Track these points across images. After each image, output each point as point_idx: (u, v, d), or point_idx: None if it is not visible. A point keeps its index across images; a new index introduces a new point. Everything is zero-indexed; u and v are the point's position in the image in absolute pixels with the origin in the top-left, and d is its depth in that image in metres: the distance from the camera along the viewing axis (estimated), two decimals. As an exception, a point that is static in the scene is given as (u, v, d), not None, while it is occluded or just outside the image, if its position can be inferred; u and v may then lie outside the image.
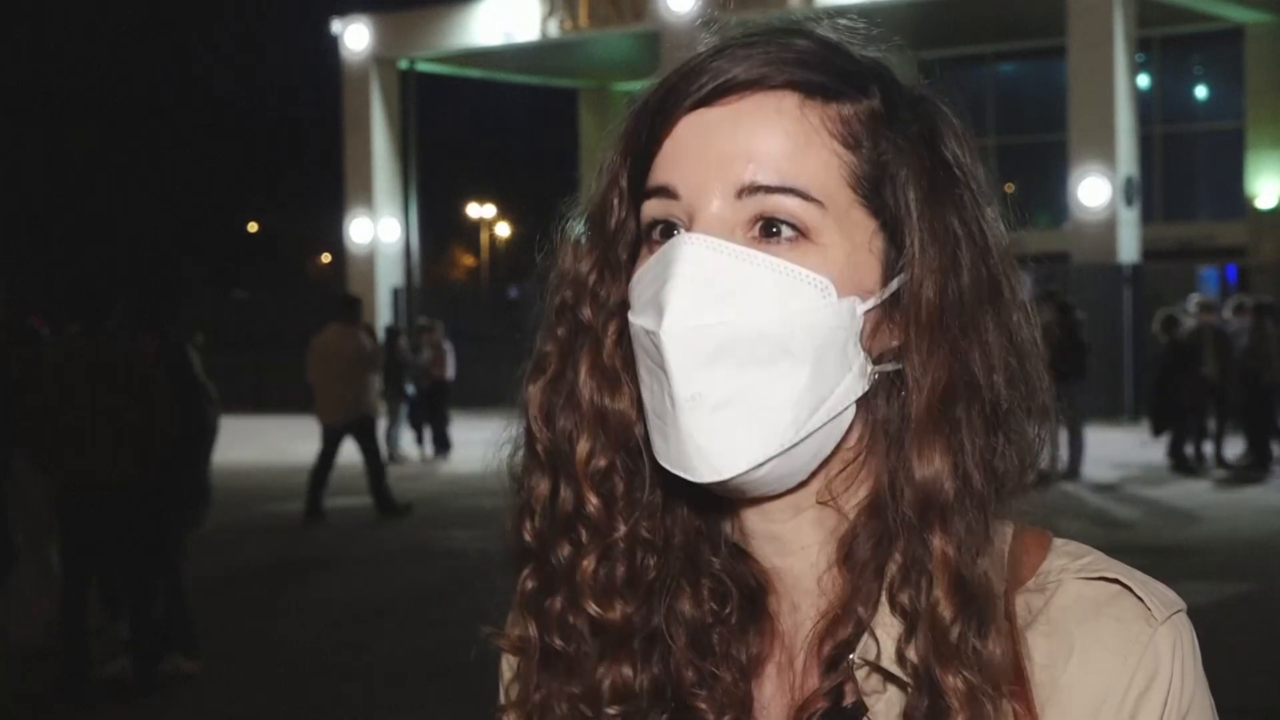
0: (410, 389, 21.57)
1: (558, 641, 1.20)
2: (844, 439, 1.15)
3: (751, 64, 1.15)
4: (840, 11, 1.28)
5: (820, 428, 1.12)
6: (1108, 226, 24.86)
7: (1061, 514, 1.23)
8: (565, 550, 1.19)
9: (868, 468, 1.16)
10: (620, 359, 1.19)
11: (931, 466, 1.11)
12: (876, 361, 1.14)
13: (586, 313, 1.20)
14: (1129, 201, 24.99)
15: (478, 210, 53.52)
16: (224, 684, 8.74)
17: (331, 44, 33.41)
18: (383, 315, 31.27)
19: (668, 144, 1.16)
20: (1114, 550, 1.20)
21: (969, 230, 1.16)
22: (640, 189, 1.18)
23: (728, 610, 1.19)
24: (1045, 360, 1.19)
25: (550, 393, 1.21)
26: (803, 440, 1.11)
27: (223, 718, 8.23)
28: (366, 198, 32.54)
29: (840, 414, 1.13)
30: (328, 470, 15.17)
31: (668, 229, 1.15)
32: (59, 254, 43.87)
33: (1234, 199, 29.77)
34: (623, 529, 1.18)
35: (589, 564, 1.18)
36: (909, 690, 1.11)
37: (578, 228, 1.24)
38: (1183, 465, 17.72)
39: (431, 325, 22.71)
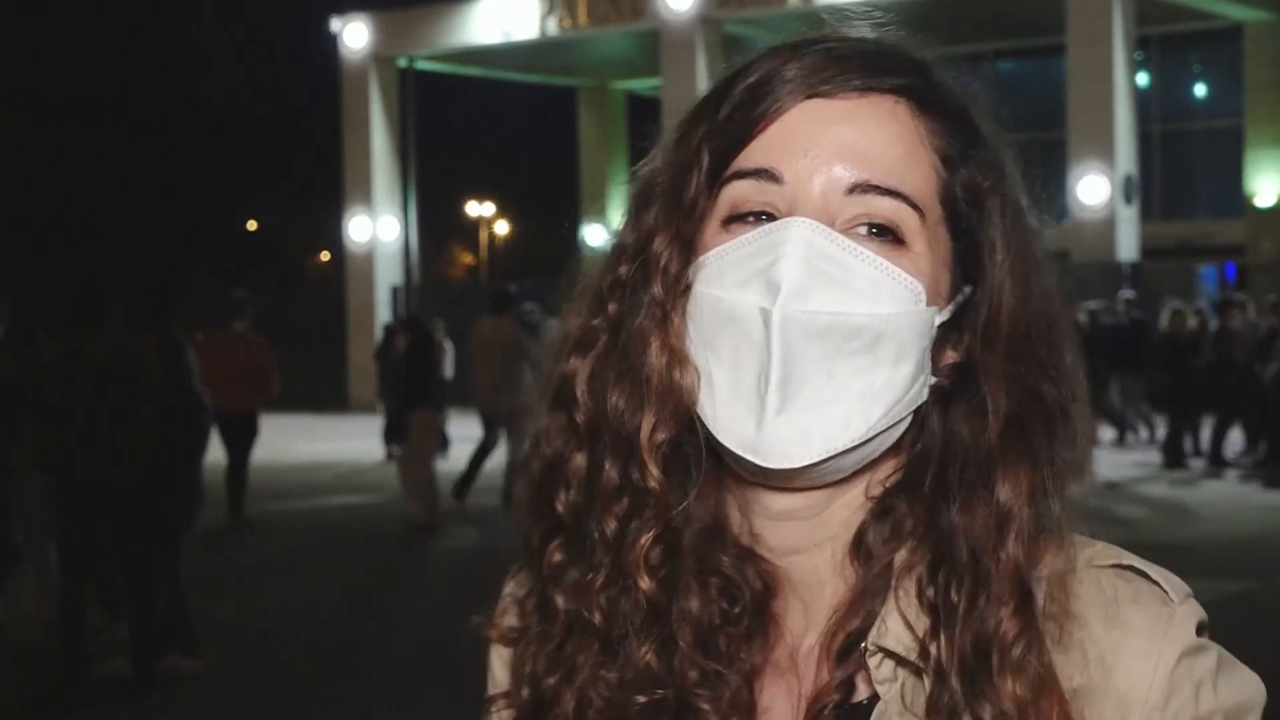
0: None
1: (598, 618, 1.18)
2: (896, 444, 1.17)
3: (869, 66, 1.17)
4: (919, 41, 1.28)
5: (888, 428, 1.14)
6: (1107, 225, 24.87)
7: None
8: (612, 525, 1.17)
9: (900, 473, 1.18)
10: (684, 335, 1.18)
11: (1013, 488, 1.13)
12: (936, 374, 1.17)
13: (657, 288, 1.17)
14: (1128, 200, 24.99)
15: (477, 209, 53.48)
16: (224, 683, 8.74)
17: (330, 42, 33.41)
18: (382, 314, 31.27)
19: (776, 127, 1.15)
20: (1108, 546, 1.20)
21: (1029, 248, 1.19)
22: (723, 168, 1.17)
23: (735, 611, 1.18)
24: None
25: (599, 366, 1.19)
26: (872, 439, 1.13)
27: (222, 716, 8.23)
28: (365, 196, 32.53)
29: (902, 419, 1.15)
30: (485, 457, 15.51)
31: (759, 215, 1.15)
32: (58, 253, 43.86)
33: (1233, 197, 29.78)
34: (682, 504, 1.17)
35: (646, 540, 1.17)
36: (928, 679, 1.11)
37: (633, 201, 1.23)
38: (1180, 462, 17.70)
39: (398, 326, 22.65)
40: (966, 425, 1.15)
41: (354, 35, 32.70)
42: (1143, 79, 29.97)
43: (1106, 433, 19.77)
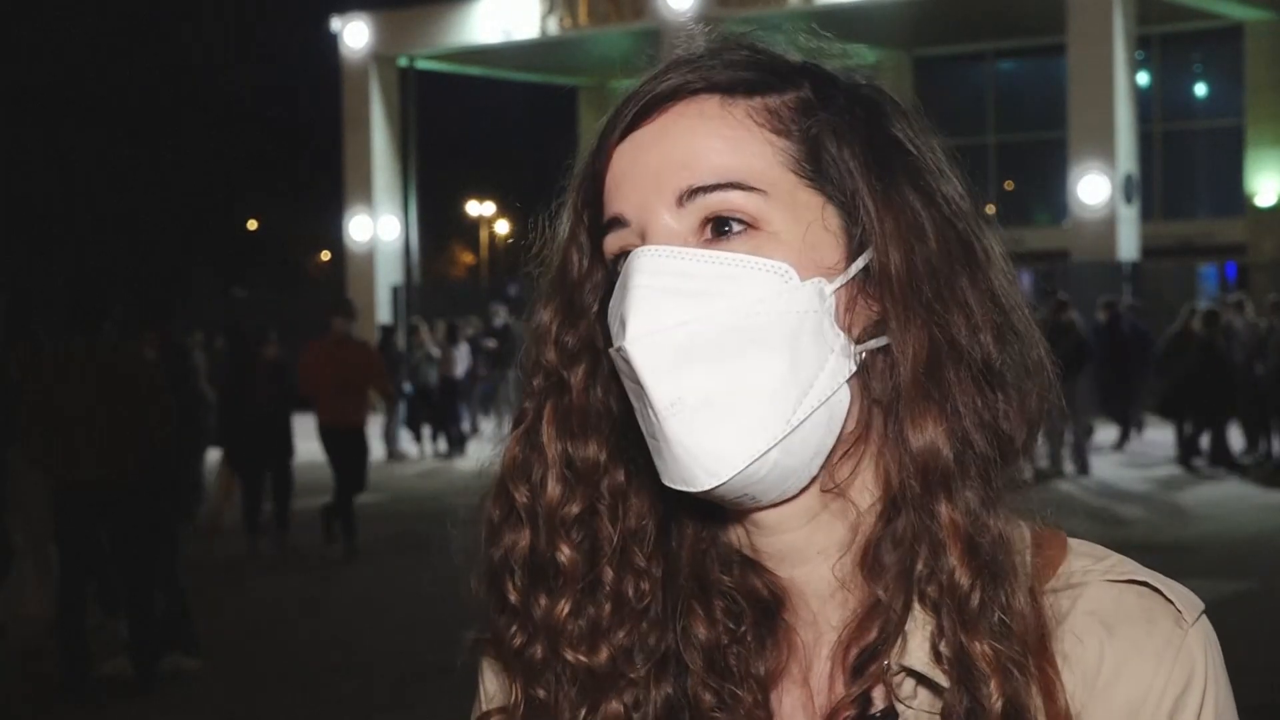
0: (408, 388, 21.56)
1: (540, 692, 1.19)
2: (844, 425, 1.13)
3: (670, 79, 1.15)
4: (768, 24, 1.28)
5: (810, 415, 1.09)
6: (1107, 224, 24.85)
7: (1061, 511, 1.22)
8: (543, 600, 1.18)
9: (873, 452, 1.14)
10: (593, 404, 1.19)
11: (925, 434, 1.10)
12: (860, 340, 1.12)
13: (550, 357, 1.20)
14: (1128, 199, 24.98)
15: (477, 208, 53.49)
16: (223, 682, 8.74)
17: (331, 42, 33.40)
18: (382, 313, 31.29)
19: (608, 177, 1.17)
20: (1113, 547, 1.19)
21: (927, 198, 1.14)
22: (597, 218, 1.18)
23: (743, 629, 1.17)
24: (1041, 329, 1.18)
25: (525, 445, 1.21)
26: (794, 430, 1.09)
27: (222, 716, 8.23)
28: (366, 195, 32.53)
29: (831, 398, 1.10)
30: None
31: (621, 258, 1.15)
32: (58, 253, 43.86)
33: (1233, 197, 29.77)
34: (609, 571, 1.17)
35: (563, 610, 1.17)
36: (945, 690, 1.09)
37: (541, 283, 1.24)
38: (1230, 462, 17.51)
39: (418, 326, 22.64)
40: (881, 381, 1.12)
41: (354, 34, 32.70)
42: (1143, 78, 29.95)
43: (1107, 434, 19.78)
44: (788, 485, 1.12)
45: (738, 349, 1.09)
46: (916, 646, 1.10)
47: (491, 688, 1.26)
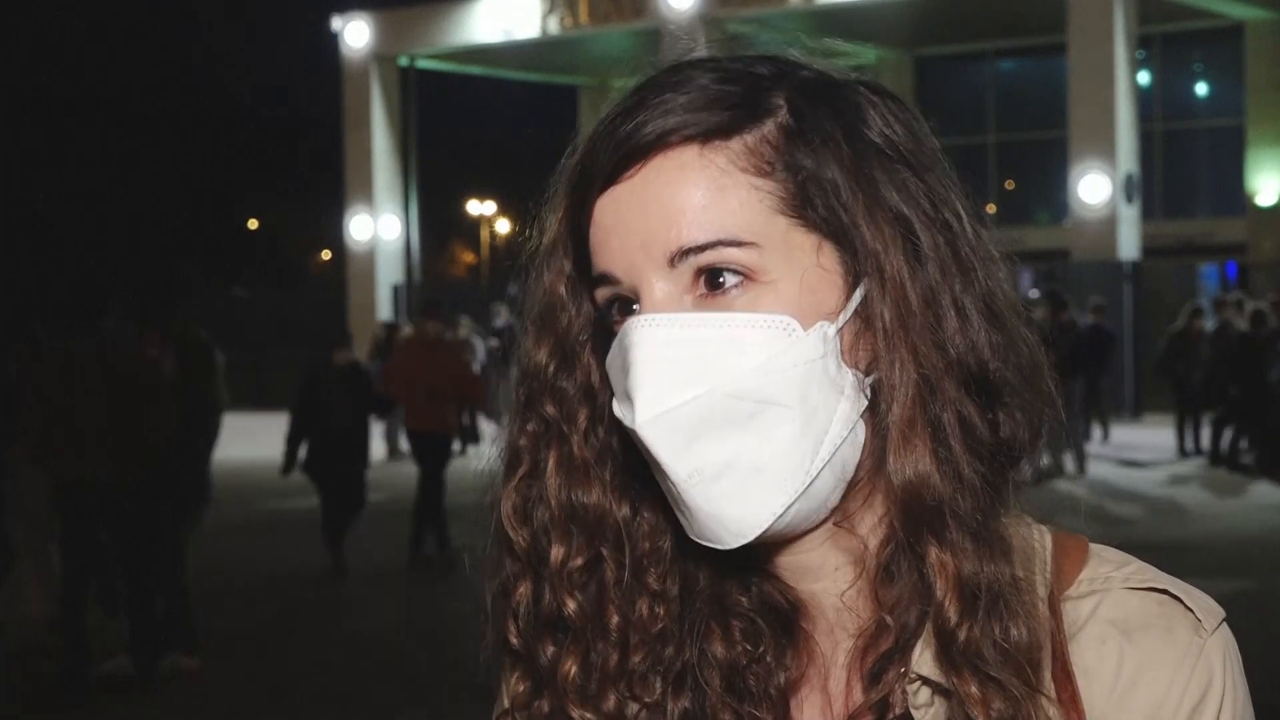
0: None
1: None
2: (859, 461, 1.12)
3: (642, 127, 1.11)
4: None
5: (828, 461, 1.09)
6: (1108, 224, 24.84)
7: (1061, 510, 1.22)
8: (549, 651, 1.18)
9: (880, 476, 1.12)
10: (594, 446, 1.17)
11: (912, 468, 1.08)
12: (869, 371, 1.11)
13: (550, 409, 1.18)
14: (1129, 198, 24.98)
15: (478, 207, 53.50)
16: (224, 681, 8.74)
17: (331, 41, 33.39)
18: (383, 313, 31.29)
19: (592, 231, 1.13)
20: (1114, 547, 1.19)
21: (918, 207, 1.11)
22: (585, 267, 1.15)
23: (761, 649, 1.16)
24: (1040, 334, 1.16)
25: (525, 491, 1.19)
26: (815, 478, 1.09)
27: (223, 715, 8.23)
28: (367, 195, 32.53)
29: (847, 438, 1.10)
30: None
31: (624, 304, 1.13)
32: (59, 253, 43.86)
33: (1234, 196, 29.76)
34: (615, 619, 1.16)
35: (569, 668, 1.16)
36: (953, 701, 1.09)
37: (530, 314, 1.21)
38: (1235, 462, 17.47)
39: (397, 324, 22.65)
40: (875, 412, 1.11)
41: (355, 34, 32.69)
42: (1144, 78, 29.94)
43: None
44: (808, 523, 1.12)
45: (750, 412, 1.08)
46: (932, 655, 1.09)
47: (514, 687, 1.26)
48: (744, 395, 1.07)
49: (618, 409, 1.11)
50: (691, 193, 1.09)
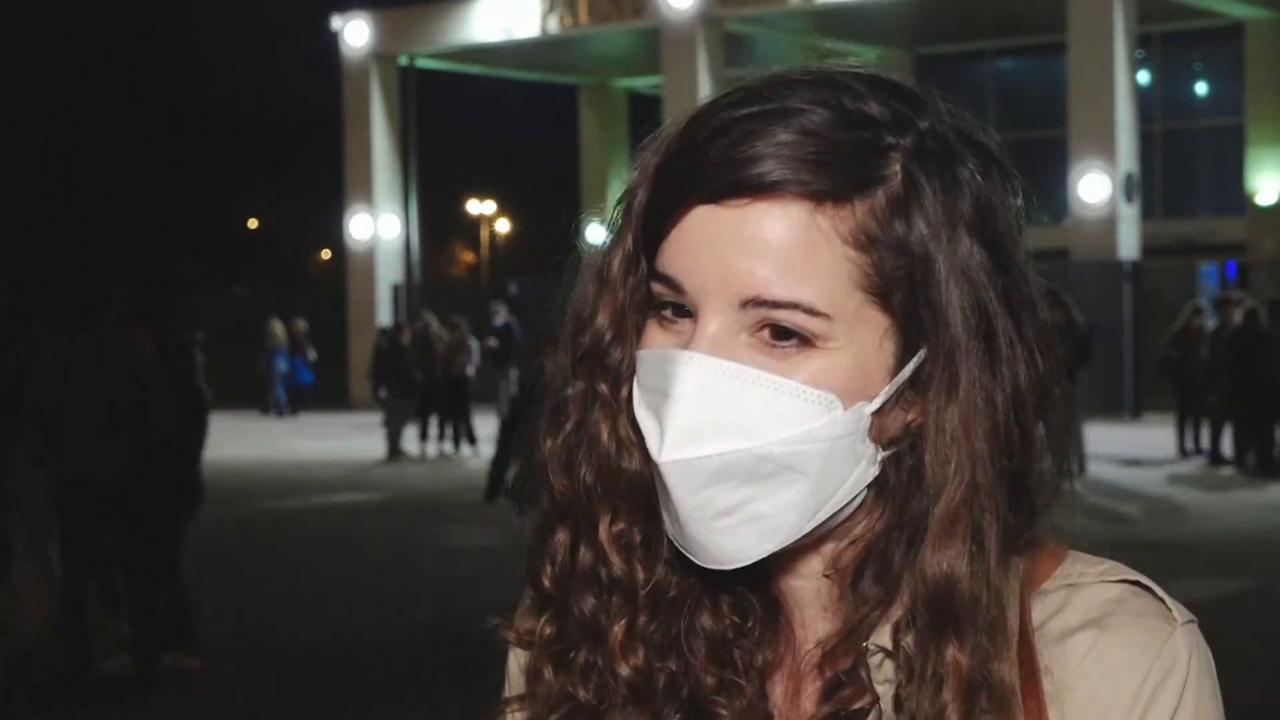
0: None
1: (582, 694, 1.20)
2: (853, 518, 1.15)
3: (764, 163, 1.08)
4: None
5: (827, 519, 1.12)
6: (1108, 223, 24.86)
7: (1060, 510, 1.22)
8: (589, 605, 1.19)
9: (869, 516, 1.15)
10: (631, 420, 1.18)
11: (948, 564, 1.10)
12: (888, 445, 1.13)
13: (601, 373, 1.18)
14: (1129, 198, 24.99)
15: (478, 207, 53.49)
16: (224, 681, 8.74)
17: (331, 40, 33.41)
18: (383, 312, 31.32)
19: (674, 234, 1.12)
20: (1113, 547, 1.20)
21: (999, 312, 1.11)
22: (652, 252, 1.15)
23: (750, 624, 1.19)
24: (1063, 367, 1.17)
25: (571, 444, 1.20)
26: (807, 531, 1.12)
27: (223, 714, 8.23)
28: (366, 194, 32.55)
29: (850, 501, 1.13)
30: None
31: (678, 308, 1.13)
32: (58, 252, 43.87)
33: (1234, 195, 29.79)
34: (646, 580, 1.18)
35: (619, 630, 1.18)
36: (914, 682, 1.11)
37: (590, 261, 1.22)
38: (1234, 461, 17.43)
39: (429, 321, 22.62)
40: (906, 493, 1.12)
41: (355, 33, 32.71)
42: (1144, 77, 29.96)
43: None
44: (793, 546, 1.14)
45: (769, 473, 1.10)
46: (891, 632, 1.12)
47: (517, 678, 1.28)
48: (770, 459, 1.09)
49: (641, 418, 1.13)
50: (789, 250, 1.08)
